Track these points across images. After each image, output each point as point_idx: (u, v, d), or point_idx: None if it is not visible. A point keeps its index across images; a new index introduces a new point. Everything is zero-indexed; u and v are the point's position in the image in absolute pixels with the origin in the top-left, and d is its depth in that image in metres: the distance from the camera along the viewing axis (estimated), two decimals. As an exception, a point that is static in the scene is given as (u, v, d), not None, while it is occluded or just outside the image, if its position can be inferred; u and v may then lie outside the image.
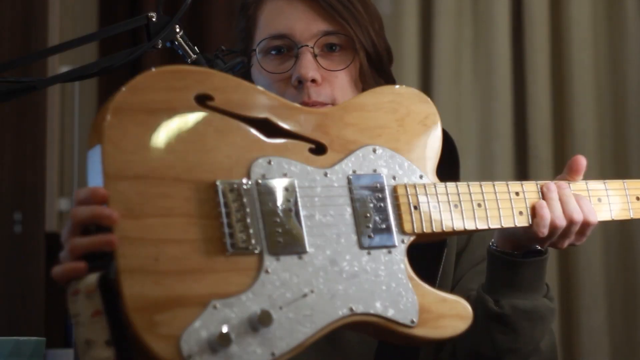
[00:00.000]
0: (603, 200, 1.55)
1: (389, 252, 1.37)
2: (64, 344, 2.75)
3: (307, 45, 1.65)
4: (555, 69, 3.21)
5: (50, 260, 2.63)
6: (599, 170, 3.10)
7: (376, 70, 1.71)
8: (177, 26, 1.49)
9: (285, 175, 1.35)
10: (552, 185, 1.51)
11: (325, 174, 1.38)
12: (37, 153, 2.60)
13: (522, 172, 3.11)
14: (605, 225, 3.12)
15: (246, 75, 1.72)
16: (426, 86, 3.21)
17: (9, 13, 2.61)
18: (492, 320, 1.55)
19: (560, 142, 3.16)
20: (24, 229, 2.57)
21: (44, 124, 2.61)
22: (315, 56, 1.65)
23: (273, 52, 1.68)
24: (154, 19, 1.48)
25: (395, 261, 1.37)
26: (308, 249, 1.33)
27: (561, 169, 1.56)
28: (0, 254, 2.58)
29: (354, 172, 1.39)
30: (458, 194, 1.44)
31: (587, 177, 1.53)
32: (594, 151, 3.12)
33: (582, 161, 1.55)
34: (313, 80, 1.64)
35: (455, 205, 1.44)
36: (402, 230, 1.39)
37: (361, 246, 1.36)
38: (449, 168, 1.53)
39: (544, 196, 1.50)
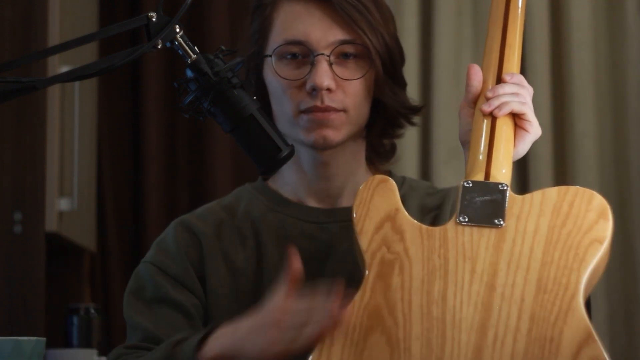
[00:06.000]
0: None
1: None
2: (64, 344, 2.74)
3: (323, 54, 1.65)
4: (555, 69, 3.20)
5: (50, 260, 2.63)
6: (599, 170, 3.09)
7: (390, 76, 1.71)
8: (177, 26, 1.49)
9: None
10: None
11: None
12: (37, 153, 2.59)
13: (521, 172, 3.11)
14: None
15: (245, 76, 1.72)
16: (426, 86, 3.21)
17: (9, 13, 2.60)
18: None
19: (560, 142, 3.15)
20: (24, 229, 2.57)
21: (44, 124, 2.60)
22: (330, 64, 1.66)
23: (288, 57, 1.68)
24: (154, 19, 1.48)
25: None
26: None
27: (561, 169, 1.56)
28: (0, 254, 2.57)
29: None
30: None
31: (586, 177, 1.54)
32: (593, 151, 3.11)
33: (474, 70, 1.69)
34: (328, 89, 1.65)
35: None
36: None
37: None
38: None
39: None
